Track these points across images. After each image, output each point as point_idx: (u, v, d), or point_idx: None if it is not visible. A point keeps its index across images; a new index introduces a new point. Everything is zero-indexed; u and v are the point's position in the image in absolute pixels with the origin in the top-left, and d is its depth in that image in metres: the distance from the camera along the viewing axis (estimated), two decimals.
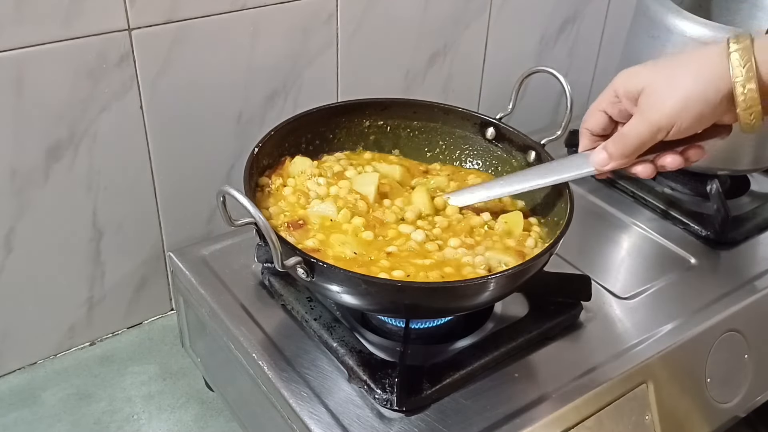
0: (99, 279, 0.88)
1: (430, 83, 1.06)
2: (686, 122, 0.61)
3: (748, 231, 0.93)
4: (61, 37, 0.73)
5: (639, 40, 0.96)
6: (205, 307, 0.79)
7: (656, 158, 0.66)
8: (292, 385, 0.68)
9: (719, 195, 0.93)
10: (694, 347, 0.78)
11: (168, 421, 0.83)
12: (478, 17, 1.06)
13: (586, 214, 0.96)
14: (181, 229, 0.91)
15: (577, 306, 0.78)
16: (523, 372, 0.72)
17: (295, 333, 0.75)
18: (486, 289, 0.64)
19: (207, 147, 0.89)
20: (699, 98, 0.60)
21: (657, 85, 0.62)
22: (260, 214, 0.58)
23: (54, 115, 0.76)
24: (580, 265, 0.85)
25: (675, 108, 0.61)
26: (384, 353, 0.71)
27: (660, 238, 0.92)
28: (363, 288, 0.62)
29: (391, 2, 0.95)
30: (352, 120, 0.82)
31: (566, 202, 0.71)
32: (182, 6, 0.79)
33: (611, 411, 0.71)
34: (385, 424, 0.66)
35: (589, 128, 0.70)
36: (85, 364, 0.88)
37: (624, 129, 0.65)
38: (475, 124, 0.83)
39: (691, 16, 0.88)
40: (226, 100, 0.88)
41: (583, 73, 1.27)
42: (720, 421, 0.82)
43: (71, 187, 0.81)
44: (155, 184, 0.87)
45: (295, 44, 0.90)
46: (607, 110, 0.68)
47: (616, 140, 0.65)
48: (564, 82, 0.76)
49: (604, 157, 0.67)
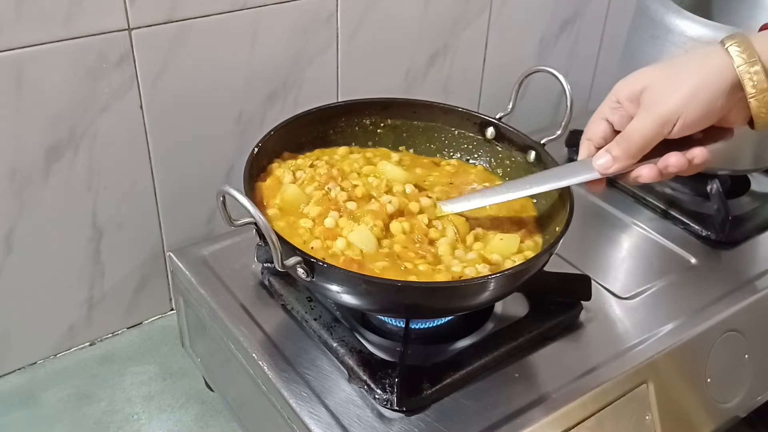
0: (99, 279, 0.88)
1: (430, 83, 1.06)
2: (692, 115, 0.60)
3: (749, 231, 0.93)
4: (61, 36, 0.73)
5: (639, 40, 0.96)
6: (205, 307, 0.79)
7: (660, 160, 0.64)
8: (292, 385, 0.68)
9: (719, 195, 0.93)
10: (695, 347, 0.78)
11: (168, 421, 0.83)
12: (478, 17, 1.06)
13: (586, 214, 0.96)
14: (181, 229, 0.91)
15: (577, 306, 0.78)
16: (523, 372, 0.72)
17: (295, 333, 0.75)
18: (486, 289, 0.64)
19: (207, 147, 0.89)
20: (704, 88, 0.59)
21: (660, 81, 0.62)
22: (260, 214, 0.58)
23: (54, 115, 0.76)
24: (580, 265, 0.85)
25: (680, 99, 0.60)
26: (384, 353, 0.71)
27: (660, 238, 0.92)
28: (363, 288, 0.62)
29: (391, 2, 0.95)
30: (352, 120, 0.82)
31: (566, 203, 0.71)
32: (182, 6, 0.79)
33: (611, 411, 0.71)
34: (385, 424, 0.66)
35: (590, 138, 0.68)
36: (85, 364, 0.88)
37: (628, 128, 0.64)
38: (475, 124, 0.83)
39: (691, 15, 0.88)
40: (226, 100, 0.88)
41: (583, 73, 1.27)
42: (720, 421, 0.82)
43: (71, 187, 0.81)
44: (155, 184, 0.87)
45: (295, 44, 0.90)
46: (609, 117, 0.66)
47: (620, 141, 0.64)
48: (564, 82, 0.76)
49: (608, 159, 0.65)
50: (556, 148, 0.80)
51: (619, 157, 0.64)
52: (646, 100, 0.62)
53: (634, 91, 0.63)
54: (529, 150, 0.79)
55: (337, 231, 0.69)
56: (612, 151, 0.64)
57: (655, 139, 0.62)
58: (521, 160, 0.80)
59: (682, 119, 0.60)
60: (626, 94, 0.64)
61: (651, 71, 0.63)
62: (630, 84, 0.64)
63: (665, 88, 0.61)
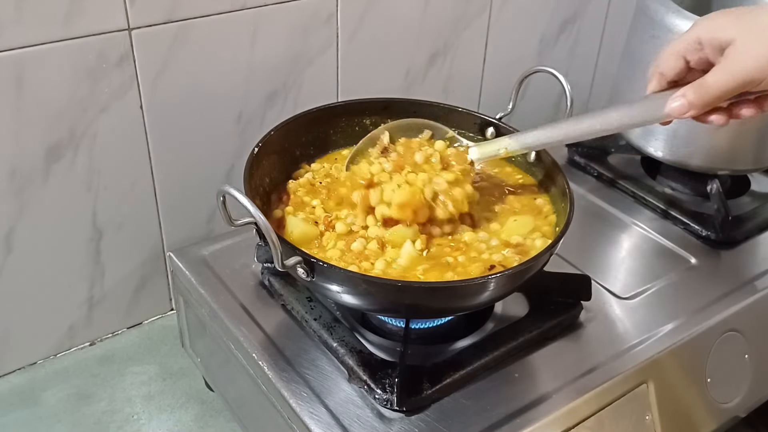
0: (99, 279, 0.88)
1: (430, 83, 1.06)
2: None
3: (749, 231, 0.93)
4: (61, 36, 0.73)
5: (639, 40, 0.96)
6: (205, 307, 0.79)
7: (732, 107, 0.64)
8: (292, 385, 0.68)
9: (719, 195, 0.93)
10: (695, 347, 0.78)
11: (168, 421, 0.83)
12: (478, 17, 1.06)
13: (586, 214, 0.96)
14: (181, 229, 0.91)
15: (577, 306, 0.78)
16: (523, 372, 0.72)
17: (295, 333, 0.75)
18: (486, 289, 0.64)
19: (207, 147, 0.89)
20: None
21: (749, 38, 0.60)
22: (260, 214, 0.58)
23: (54, 115, 0.76)
24: (580, 265, 0.85)
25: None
26: (384, 353, 0.71)
27: (660, 238, 0.92)
28: (363, 288, 0.62)
29: (391, 2, 0.95)
30: (352, 120, 0.82)
31: (566, 203, 0.71)
32: (182, 6, 0.79)
33: (611, 411, 0.71)
34: (385, 424, 0.66)
35: (663, 72, 0.66)
36: (85, 364, 0.88)
37: (709, 79, 0.62)
38: (475, 124, 0.83)
39: (691, 15, 0.88)
40: (226, 100, 0.88)
41: (583, 73, 1.27)
42: (720, 421, 0.82)
43: (71, 187, 0.81)
44: (155, 184, 0.87)
45: (295, 44, 0.90)
46: (687, 56, 0.65)
47: (698, 88, 0.62)
48: (564, 82, 0.76)
49: (683, 103, 0.63)
50: (556, 148, 0.80)
51: (694, 104, 0.63)
52: (732, 55, 0.61)
53: (720, 40, 0.62)
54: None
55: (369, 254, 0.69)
56: (688, 95, 0.63)
57: (735, 94, 0.62)
58: (521, 159, 0.81)
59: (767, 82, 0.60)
60: (710, 40, 0.62)
61: (737, 22, 0.62)
62: (715, 30, 0.62)
63: (754, 48, 0.60)
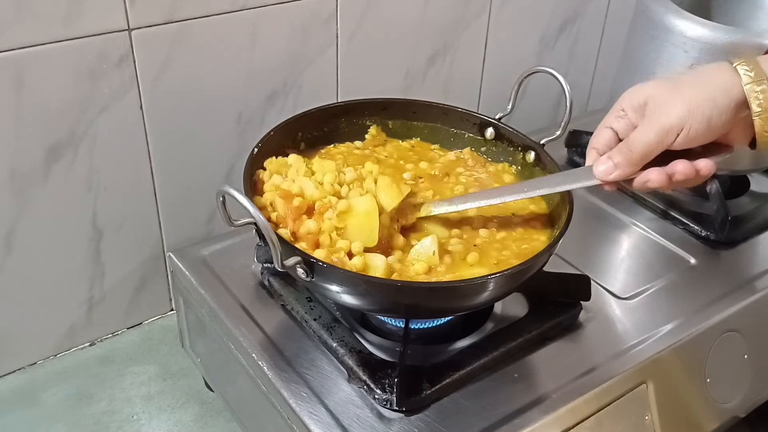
0: (99, 279, 0.88)
1: (430, 83, 1.06)
2: (695, 127, 0.60)
3: (748, 231, 0.93)
4: (61, 37, 0.73)
5: (639, 40, 0.96)
6: (205, 308, 0.79)
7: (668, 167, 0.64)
8: (292, 385, 0.69)
9: (719, 195, 0.93)
10: (694, 347, 0.78)
11: (168, 421, 0.83)
12: (478, 17, 1.06)
13: (586, 214, 0.96)
14: (181, 229, 0.91)
15: (576, 306, 0.78)
16: (522, 372, 0.72)
17: (295, 333, 0.75)
18: (485, 289, 0.64)
19: (207, 147, 0.89)
20: (709, 103, 0.60)
21: (665, 92, 0.62)
22: (260, 214, 0.58)
23: (54, 115, 0.76)
24: (580, 265, 0.85)
25: (684, 111, 0.60)
26: (384, 353, 0.71)
27: (660, 238, 0.92)
28: (363, 288, 0.63)
29: (391, 2, 0.95)
30: (352, 120, 0.82)
31: (566, 203, 0.71)
32: (182, 6, 0.79)
33: (611, 411, 0.71)
34: (385, 424, 0.66)
35: (595, 146, 0.68)
36: (85, 365, 0.88)
37: (631, 136, 0.64)
38: (475, 124, 0.83)
39: (691, 16, 0.88)
40: (226, 100, 0.88)
41: (583, 74, 1.27)
42: (720, 421, 0.82)
43: (71, 187, 0.81)
44: (155, 184, 0.87)
45: (295, 44, 0.90)
46: (613, 126, 0.66)
47: (622, 148, 0.64)
48: (563, 83, 0.76)
49: (609, 166, 0.65)
50: (556, 149, 0.80)
51: (620, 164, 0.64)
52: (650, 110, 0.63)
53: (639, 100, 0.64)
54: (529, 150, 0.79)
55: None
56: (614, 158, 0.65)
57: (657, 149, 0.63)
58: (520, 160, 0.81)
59: (685, 131, 0.61)
60: (631, 104, 0.64)
61: (657, 83, 0.64)
62: (636, 94, 0.64)
63: (670, 100, 0.62)
